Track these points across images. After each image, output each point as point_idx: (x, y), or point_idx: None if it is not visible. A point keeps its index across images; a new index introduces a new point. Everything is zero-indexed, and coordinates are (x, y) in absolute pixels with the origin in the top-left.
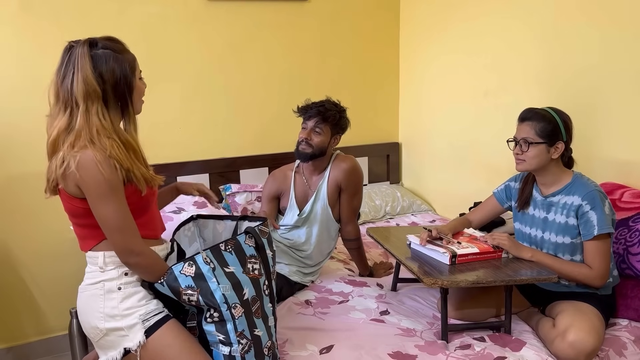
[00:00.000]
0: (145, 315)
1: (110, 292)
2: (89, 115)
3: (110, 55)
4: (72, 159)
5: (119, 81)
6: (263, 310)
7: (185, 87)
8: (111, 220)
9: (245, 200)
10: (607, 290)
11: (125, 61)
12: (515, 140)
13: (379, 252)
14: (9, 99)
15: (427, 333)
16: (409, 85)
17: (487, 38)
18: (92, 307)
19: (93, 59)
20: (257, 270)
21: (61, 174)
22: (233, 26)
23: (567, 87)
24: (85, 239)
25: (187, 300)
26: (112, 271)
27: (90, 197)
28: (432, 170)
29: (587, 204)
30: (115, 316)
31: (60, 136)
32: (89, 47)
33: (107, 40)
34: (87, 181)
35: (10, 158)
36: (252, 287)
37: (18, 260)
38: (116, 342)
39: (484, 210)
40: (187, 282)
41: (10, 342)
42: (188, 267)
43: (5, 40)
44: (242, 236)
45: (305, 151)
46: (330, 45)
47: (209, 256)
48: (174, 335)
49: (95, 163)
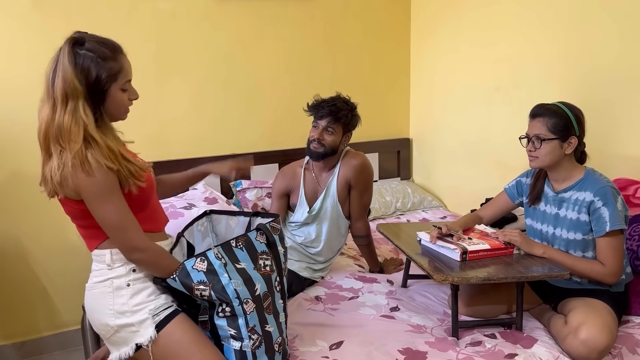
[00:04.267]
0: (155, 310)
1: (119, 289)
2: (76, 113)
3: (89, 57)
4: (64, 166)
5: (91, 85)
6: (274, 306)
7: (196, 84)
8: (110, 220)
9: (255, 196)
10: (619, 287)
11: (104, 68)
12: (528, 137)
13: (389, 249)
14: (21, 97)
15: (437, 329)
16: (419, 80)
17: (499, 32)
18: (101, 304)
19: (74, 57)
20: (269, 266)
21: (58, 183)
22: (243, 22)
23: (582, 82)
24: (90, 239)
25: (200, 295)
26: (120, 268)
27: (87, 199)
28: (443, 166)
29: (599, 200)
30: (126, 312)
31: (49, 130)
32: (74, 45)
33: (97, 42)
34: (82, 185)
35: (23, 155)
36: (263, 283)
37: (31, 255)
38: (128, 338)
39: (495, 207)
40: (199, 277)
41: (24, 336)
42: (200, 262)
43: (16, 38)
44: (254, 233)
45: (318, 150)
46: (340, 40)
47: (220, 252)
48: (183, 329)
49: (87, 166)
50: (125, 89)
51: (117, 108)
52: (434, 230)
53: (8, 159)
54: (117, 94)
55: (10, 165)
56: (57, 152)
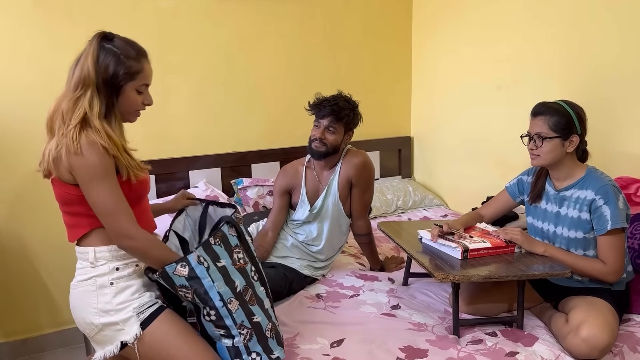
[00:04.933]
0: (139, 308)
1: (103, 287)
2: (80, 100)
3: (113, 52)
4: (62, 146)
5: (108, 79)
6: (257, 295)
7: (197, 81)
8: (103, 204)
9: (256, 194)
10: (620, 285)
11: (124, 65)
12: (529, 136)
13: (390, 247)
14: (25, 95)
15: (438, 328)
16: (421, 78)
17: (500, 31)
18: (85, 303)
19: (99, 50)
20: (242, 259)
21: (52, 160)
22: (244, 20)
23: (584, 81)
24: (74, 227)
25: (184, 295)
26: (103, 266)
27: (82, 181)
28: (445, 164)
29: (601, 198)
30: (110, 311)
31: (56, 111)
32: (102, 39)
33: (125, 42)
34: (77, 166)
35: (24, 152)
36: (241, 277)
37: (33, 252)
38: (112, 337)
39: (496, 205)
40: (180, 282)
41: (26, 333)
42: (181, 268)
43: (18, 36)
44: (225, 227)
45: (319, 150)
46: (341, 38)
47: (202, 254)
48: (169, 325)
49: (85, 147)
50: (141, 91)
51: (128, 107)
52: (435, 228)
53: (9, 156)
54: (131, 93)
55: (11, 162)
56: (59, 133)
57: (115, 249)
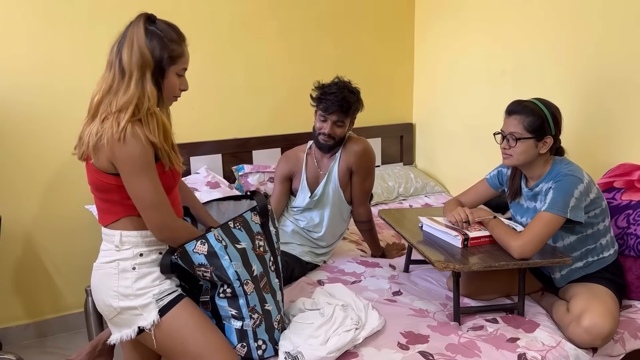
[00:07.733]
0: (159, 294)
1: (125, 271)
2: (143, 84)
3: (158, 35)
4: (104, 134)
5: (156, 62)
6: (271, 285)
7: (198, 67)
8: (147, 197)
9: (257, 180)
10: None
11: (168, 49)
12: (502, 134)
13: (391, 234)
14: (25, 78)
15: (439, 314)
16: (423, 64)
17: (503, 14)
18: (106, 285)
19: (146, 32)
20: (262, 247)
21: (93, 146)
22: (246, 5)
23: (589, 66)
24: (105, 213)
25: (202, 275)
26: (127, 251)
27: (124, 172)
28: (446, 151)
29: (553, 183)
30: (129, 295)
31: (104, 96)
32: (145, 21)
33: (166, 24)
34: (121, 157)
35: (26, 136)
36: (259, 264)
37: (34, 238)
38: (130, 321)
39: (476, 194)
40: (200, 260)
41: (28, 318)
42: (200, 245)
43: (15, 18)
44: (249, 213)
45: (328, 143)
46: (343, 24)
47: (220, 234)
48: (187, 314)
49: (130, 138)
50: (180, 74)
51: (168, 92)
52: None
53: (10, 140)
54: (173, 77)
55: (13, 147)
56: (101, 118)
57: (143, 235)
